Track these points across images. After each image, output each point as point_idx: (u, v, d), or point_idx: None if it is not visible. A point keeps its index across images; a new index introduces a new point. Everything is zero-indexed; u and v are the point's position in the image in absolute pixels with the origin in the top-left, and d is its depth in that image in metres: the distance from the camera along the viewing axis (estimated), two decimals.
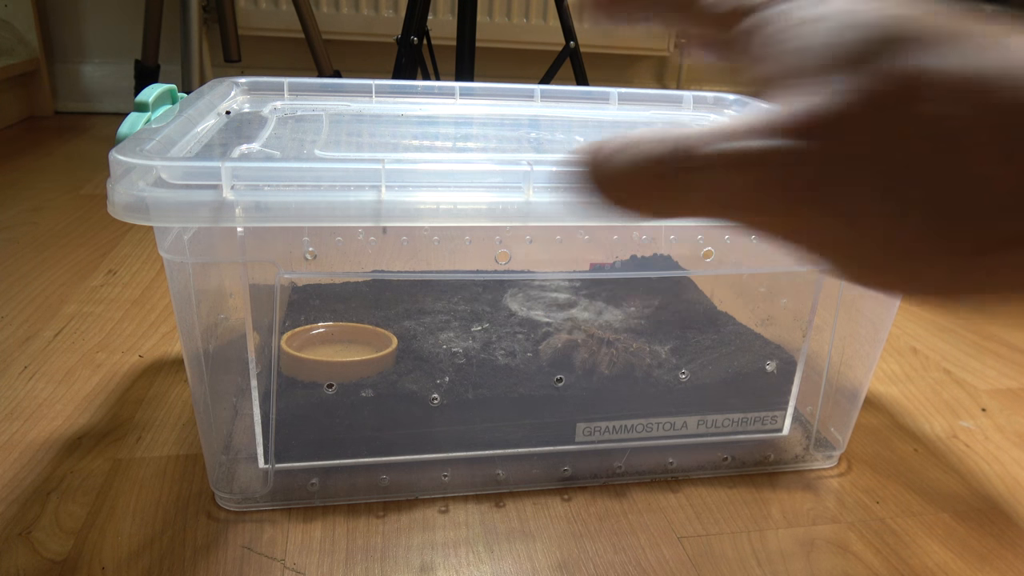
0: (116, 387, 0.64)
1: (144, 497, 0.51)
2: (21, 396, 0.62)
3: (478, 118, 0.67)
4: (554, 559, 0.48)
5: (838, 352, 0.57)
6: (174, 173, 0.39)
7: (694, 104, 0.74)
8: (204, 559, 0.46)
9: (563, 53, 1.32)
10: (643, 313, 0.65)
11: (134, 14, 1.71)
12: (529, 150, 0.57)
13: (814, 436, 0.59)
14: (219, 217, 0.39)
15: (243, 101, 0.63)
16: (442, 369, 0.54)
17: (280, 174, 0.41)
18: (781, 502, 0.54)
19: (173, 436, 0.58)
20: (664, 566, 0.48)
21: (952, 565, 0.49)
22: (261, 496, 0.51)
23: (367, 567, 0.46)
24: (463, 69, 1.25)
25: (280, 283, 0.46)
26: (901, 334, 0.84)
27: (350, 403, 0.52)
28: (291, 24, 1.66)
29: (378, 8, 1.77)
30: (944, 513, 0.54)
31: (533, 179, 0.43)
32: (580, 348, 0.57)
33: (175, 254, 0.43)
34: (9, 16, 1.58)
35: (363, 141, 0.56)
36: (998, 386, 0.74)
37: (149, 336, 0.73)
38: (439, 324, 0.60)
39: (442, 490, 0.53)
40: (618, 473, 0.56)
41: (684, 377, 0.56)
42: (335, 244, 0.63)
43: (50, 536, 0.47)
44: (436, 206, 0.42)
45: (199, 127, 0.52)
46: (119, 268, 0.88)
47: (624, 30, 0.36)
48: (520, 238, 0.59)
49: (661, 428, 0.56)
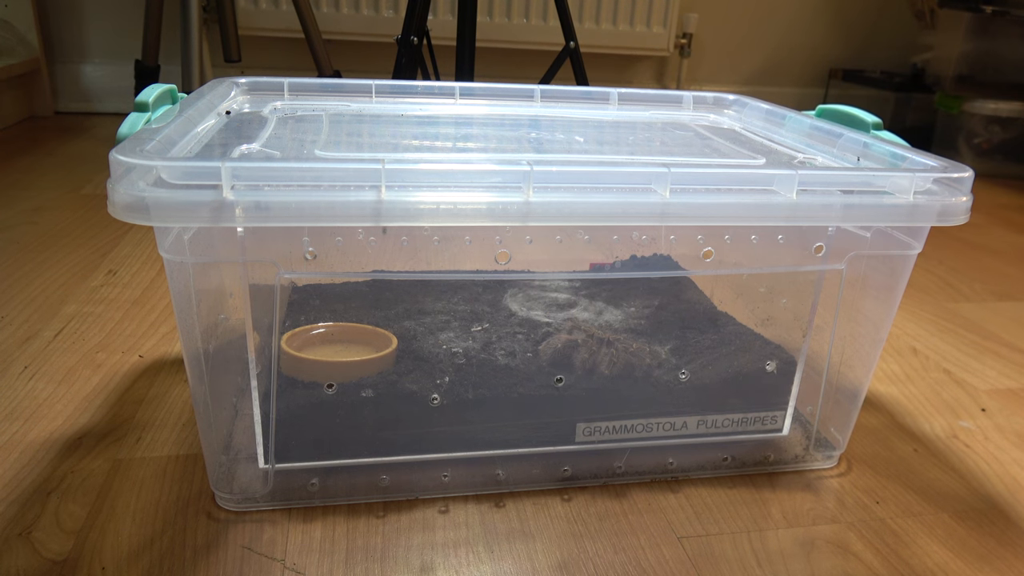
0: (116, 387, 0.64)
1: (144, 497, 0.51)
2: (21, 396, 0.62)
3: (478, 118, 0.67)
4: (554, 559, 0.48)
5: (838, 352, 0.57)
6: (174, 173, 0.39)
7: (694, 104, 0.74)
8: (204, 559, 0.46)
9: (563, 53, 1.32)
10: (643, 313, 0.65)
11: (134, 14, 1.71)
12: (529, 150, 0.57)
13: (814, 436, 0.59)
14: (219, 217, 0.39)
15: (243, 101, 0.63)
16: (442, 369, 0.54)
17: (280, 174, 0.41)
18: (781, 502, 0.54)
19: (173, 436, 0.58)
20: (664, 566, 0.48)
21: (952, 565, 0.49)
22: (261, 496, 0.51)
23: (367, 567, 0.46)
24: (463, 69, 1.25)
25: (280, 283, 0.46)
26: (901, 334, 0.84)
27: (350, 403, 0.52)
28: (291, 24, 1.66)
29: (378, 8, 1.77)
30: (944, 513, 0.54)
31: (533, 179, 0.43)
32: (580, 348, 0.57)
33: (175, 254, 0.43)
34: (9, 16, 1.58)
35: (363, 141, 0.56)
36: (998, 386, 0.74)
37: (149, 336, 0.73)
38: (439, 324, 0.60)
39: (442, 490, 0.53)
40: (618, 473, 0.56)
41: (684, 377, 0.56)
42: (335, 244, 0.63)
43: (50, 536, 0.47)
44: (436, 206, 0.42)
45: (199, 127, 0.52)
46: (119, 268, 0.88)
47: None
48: (520, 238, 0.59)
49: (661, 428, 0.56)
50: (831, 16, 2.08)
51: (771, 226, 0.57)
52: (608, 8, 1.88)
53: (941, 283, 1.00)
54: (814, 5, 2.06)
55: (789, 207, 0.46)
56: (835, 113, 0.63)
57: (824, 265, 0.54)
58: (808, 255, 0.53)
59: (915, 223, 0.49)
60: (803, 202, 0.46)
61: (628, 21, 1.91)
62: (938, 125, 1.80)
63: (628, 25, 1.91)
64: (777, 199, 0.46)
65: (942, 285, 1.00)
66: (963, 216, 0.48)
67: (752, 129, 0.68)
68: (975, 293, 0.98)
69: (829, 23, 2.09)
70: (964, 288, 0.99)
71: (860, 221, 0.50)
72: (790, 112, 0.66)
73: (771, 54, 2.09)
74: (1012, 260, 1.12)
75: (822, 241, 0.53)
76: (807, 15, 2.07)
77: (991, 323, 0.88)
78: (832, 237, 0.53)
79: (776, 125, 0.67)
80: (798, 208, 0.46)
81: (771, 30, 2.06)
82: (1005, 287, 1.01)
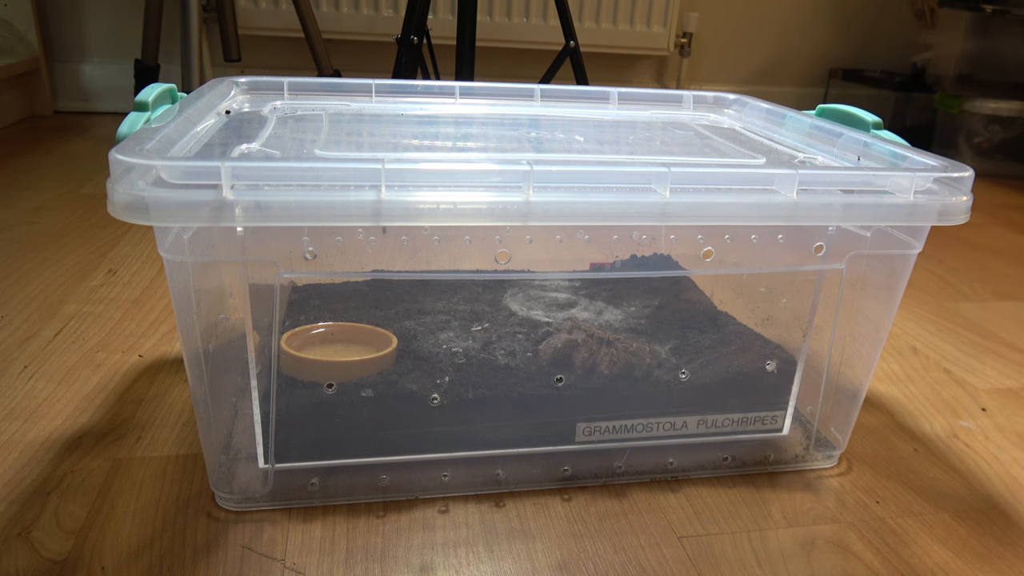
0: (116, 387, 0.64)
1: (144, 497, 0.51)
2: (21, 396, 0.62)
3: (478, 118, 0.67)
4: (554, 559, 0.48)
5: (838, 352, 0.57)
6: (174, 172, 0.39)
7: (694, 104, 0.74)
8: (204, 559, 0.46)
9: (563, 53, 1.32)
10: (643, 313, 0.65)
11: (134, 13, 1.71)
12: (529, 150, 0.57)
13: (814, 436, 0.59)
14: (219, 217, 0.39)
15: (243, 101, 0.63)
16: (442, 369, 0.54)
17: (280, 173, 0.41)
18: (781, 502, 0.54)
19: (173, 436, 0.58)
20: (664, 566, 0.48)
21: (952, 565, 0.49)
22: (261, 496, 0.51)
23: (367, 567, 0.46)
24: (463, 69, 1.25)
25: (280, 283, 0.46)
26: (901, 334, 0.84)
27: (350, 403, 0.52)
28: (291, 24, 1.66)
29: (378, 8, 1.77)
30: (944, 513, 0.54)
31: (533, 179, 0.43)
32: (580, 348, 0.57)
33: (175, 254, 0.43)
34: (9, 16, 1.58)
35: (363, 141, 0.56)
36: (998, 386, 0.74)
37: (149, 336, 0.73)
38: (439, 324, 0.60)
39: (442, 490, 0.53)
40: (618, 473, 0.55)
41: (684, 377, 0.56)
42: (335, 244, 0.63)
43: (50, 536, 0.47)
44: (436, 206, 0.41)
45: (199, 127, 0.52)
46: (119, 268, 0.88)
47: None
48: (520, 238, 0.59)
49: (661, 428, 0.56)
50: (831, 16, 2.08)
51: (771, 226, 0.57)
52: (608, 8, 1.88)
53: (941, 283, 1.00)
54: (814, 5, 2.06)
55: (790, 207, 0.46)
56: (835, 112, 0.63)
57: (824, 265, 0.54)
58: (808, 255, 0.53)
59: (915, 223, 0.49)
60: (803, 202, 0.46)
61: (628, 21, 1.91)
62: (938, 125, 1.80)
63: (628, 25, 1.91)
64: (778, 199, 0.46)
65: (942, 285, 1.00)
66: (963, 216, 0.48)
67: (752, 129, 0.68)
68: (975, 293, 0.98)
69: (829, 23, 2.09)
70: (964, 288, 0.99)
71: (860, 221, 0.50)
72: (790, 112, 0.66)
73: (771, 54, 2.09)
74: (1012, 260, 1.12)
75: (822, 241, 0.53)
76: (807, 15, 2.07)
77: (991, 323, 0.88)
78: (832, 237, 0.53)
79: (776, 125, 0.66)
80: (798, 208, 0.46)
81: (771, 30, 2.06)
82: (1005, 287, 1.01)
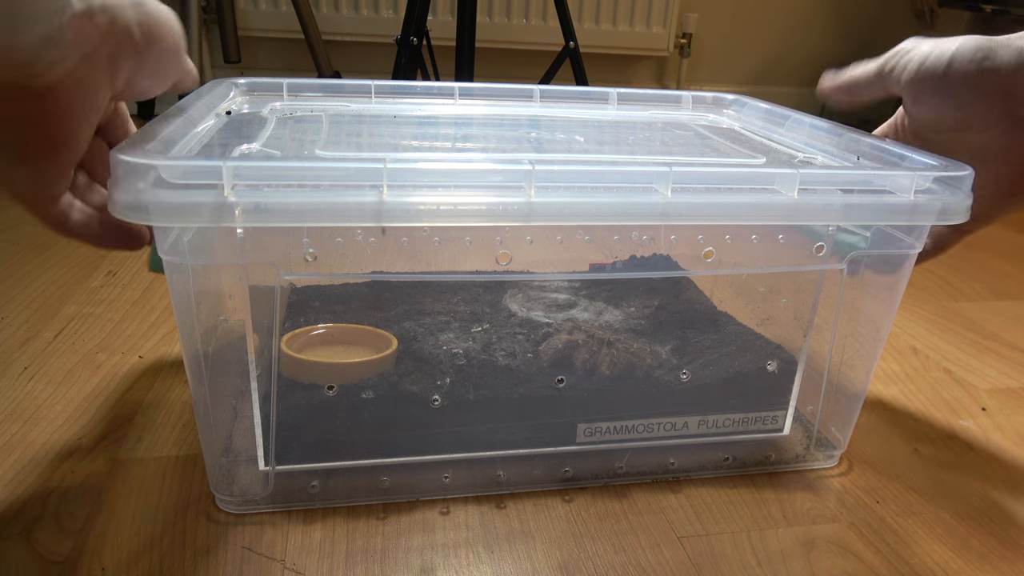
0: (116, 388, 0.64)
1: (144, 498, 0.51)
2: (21, 397, 0.62)
3: (478, 118, 0.67)
4: (554, 560, 0.48)
5: (839, 352, 0.57)
6: (175, 172, 0.39)
7: (693, 104, 0.74)
8: (204, 560, 0.46)
9: (563, 53, 1.32)
10: (643, 313, 0.65)
11: None
12: (529, 150, 0.57)
13: (815, 436, 0.59)
14: (219, 218, 0.39)
15: (243, 102, 0.63)
16: (442, 370, 0.54)
17: (281, 173, 0.41)
18: (781, 502, 0.54)
19: (173, 437, 0.58)
20: (664, 566, 0.47)
21: (952, 564, 0.49)
22: (261, 498, 0.51)
23: (367, 568, 0.46)
24: (463, 69, 1.25)
25: (280, 284, 0.46)
26: (901, 334, 0.84)
27: (350, 405, 0.52)
28: (291, 24, 1.66)
29: (378, 8, 1.77)
30: (944, 513, 0.54)
31: (534, 179, 0.43)
32: (580, 349, 0.57)
33: (175, 255, 0.43)
34: None
35: (363, 141, 0.56)
36: (998, 386, 0.74)
37: (149, 337, 0.73)
38: (439, 325, 0.60)
39: (443, 491, 0.53)
40: (619, 474, 0.55)
41: (685, 377, 0.56)
42: (335, 245, 0.63)
43: (50, 536, 0.47)
44: (436, 206, 0.41)
45: (199, 127, 0.52)
46: (119, 269, 0.88)
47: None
48: (520, 239, 0.59)
49: (662, 428, 0.56)
50: (830, 16, 2.08)
51: (772, 225, 0.57)
52: (608, 8, 1.88)
53: (941, 283, 1.00)
54: (813, 5, 2.06)
55: (790, 206, 0.46)
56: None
57: (825, 265, 0.54)
58: (809, 255, 0.53)
59: (915, 222, 0.49)
60: (804, 201, 0.46)
61: (628, 21, 1.91)
62: None
63: (628, 25, 1.91)
64: (778, 198, 0.46)
65: (942, 284, 1.00)
66: (963, 215, 0.48)
67: (751, 129, 0.68)
68: (975, 292, 0.98)
69: (828, 23, 2.09)
70: (964, 287, 0.99)
71: (860, 220, 0.50)
72: (790, 112, 0.66)
73: (770, 54, 2.09)
74: (1012, 260, 1.12)
75: (823, 240, 0.53)
76: (806, 15, 2.07)
77: (991, 322, 0.88)
78: (833, 236, 0.53)
79: (776, 125, 0.66)
80: (799, 207, 0.46)
81: (771, 30, 2.06)
82: (1005, 287, 1.01)
